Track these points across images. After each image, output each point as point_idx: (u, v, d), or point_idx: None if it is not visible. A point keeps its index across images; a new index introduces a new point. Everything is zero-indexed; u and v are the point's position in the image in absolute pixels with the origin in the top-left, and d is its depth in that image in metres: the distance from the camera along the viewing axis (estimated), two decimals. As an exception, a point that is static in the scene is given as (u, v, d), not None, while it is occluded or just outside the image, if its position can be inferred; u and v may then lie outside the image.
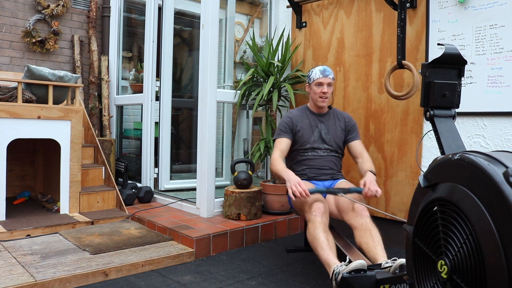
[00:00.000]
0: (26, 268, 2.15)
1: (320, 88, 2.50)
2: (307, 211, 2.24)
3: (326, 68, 2.53)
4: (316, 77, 2.50)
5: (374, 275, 1.70)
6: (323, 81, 2.49)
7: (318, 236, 2.07)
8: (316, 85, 2.51)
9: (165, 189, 3.78)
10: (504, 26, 2.42)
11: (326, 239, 2.05)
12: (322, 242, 2.03)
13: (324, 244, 2.02)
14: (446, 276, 1.06)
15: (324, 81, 2.49)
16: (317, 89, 2.51)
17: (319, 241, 2.04)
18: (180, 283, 2.20)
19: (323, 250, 2.01)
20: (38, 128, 2.99)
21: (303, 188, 2.11)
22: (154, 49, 3.76)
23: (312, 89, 2.55)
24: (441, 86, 1.59)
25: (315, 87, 2.52)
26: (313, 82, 2.53)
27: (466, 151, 1.11)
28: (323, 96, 2.50)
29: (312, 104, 2.62)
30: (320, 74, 2.50)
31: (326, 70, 2.52)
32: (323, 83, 2.49)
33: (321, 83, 2.50)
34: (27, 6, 3.84)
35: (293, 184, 2.14)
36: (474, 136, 2.58)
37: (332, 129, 2.57)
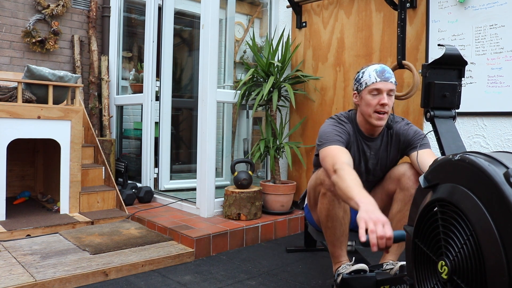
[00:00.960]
0: (26, 268, 2.15)
1: (377, 98, 1.76)
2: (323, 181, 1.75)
3: (384, 67, 1.79)
4: (372, 80, 1.77)
5: (375, 276, 1.70)
6: (383, 87, 1.75)
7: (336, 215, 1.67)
8: (371, 93, 1.77)
9: (165, 189, 3.79)
10: (504, 26, 2.42)
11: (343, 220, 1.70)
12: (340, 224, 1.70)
13: (338, 230, 1.71)
14: (446, 276, 1.06)
15: (384, 87, 1.75)
16: (372, 99, 1.76)
17: (336, 223, 1.69)
18: (180, 283, 2.20)
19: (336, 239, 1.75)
20: (38, 128, 2.99)
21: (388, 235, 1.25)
22: (154, 49, 3.76)
23: (363, 99, 1.80)
24: (441, 86, 1.60)
25: (369, 97, 1.77)
26: (365, 89, 1.79)
27: (467, 152, 1.11)
28: (381, 110, 1.76)
29: (363, 121, 1.87)
30: (377, 77, 1.76)
31: (386, 71, 1.78)
32: (383, 90, 1.75)
33: (379, 90, 1.76)
34: (27, 6, 3.84)
35: (373, 221, 1.27)
36: (474, 136, 2.58)
37: (383, 158, 1.94)
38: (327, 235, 1.83)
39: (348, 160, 1.67)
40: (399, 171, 1.87)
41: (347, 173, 1.53)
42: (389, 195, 1.93)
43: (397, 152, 1.96)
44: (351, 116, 1.95)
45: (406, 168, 1.85)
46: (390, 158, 1.96)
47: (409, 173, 1.82)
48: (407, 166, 1.87)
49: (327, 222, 1.77)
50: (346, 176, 1.52)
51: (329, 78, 3.31)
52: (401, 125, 1.94)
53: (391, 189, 1.91)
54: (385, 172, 1.98)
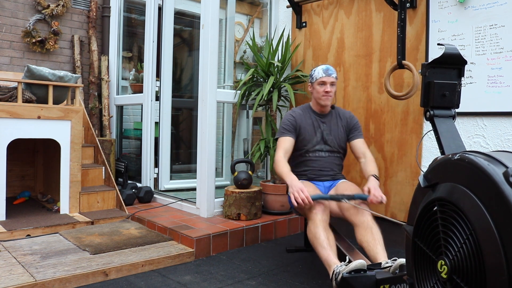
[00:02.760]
0: (26, 268, 2.15)
1: (323, 87, 2.45)
2: (307, 209, 2.22)
3: (329, 67, 2.48)
4: (319, 76, 2.46)
5: (374, 275, 1.70)
6: (326, 80, 2.44)
7: (318, 234, 2.06)
8: (319, 84, 2.46)
9: (165, 189, 3.79)
10: (504, 26, 2.42)
11: (326, 238, 2.05)
12: (323, 241, 2.03)
13: (324, 243, 2.02)
14: (446, 276, 1.06)
15: (327, 80, 2.44)
16: (320, 88, 2.46)
17: (320, 239, 2.04)
18: (180, 283, 2.20)
19: (323, 249, 2.00)
20: (38, 128, 2.99)
21: (305, 195, 2.07)
22: (154, 49, 3.76)
23: (315, 88, 2.50)
24: (441, 86, 1.59)
25: (318, 86, 2.47)
26: (316, 81, 2.48)
27: (466, 151, 1.11)
28: (326, 95, 2.46)
29: (315, 103, 2.56)
30: (323, 73, 2.45)
31: (329, 69, 2.47)
32: (326, 82, 2.44)
33: (324, 82, 2.45)
34: (27, 6, 3.84)
35: (295, 190, 2.10)
36: (474, 136, 2.58)
37: (334, 130, 2.54)
38: (318, 251, 2.07)
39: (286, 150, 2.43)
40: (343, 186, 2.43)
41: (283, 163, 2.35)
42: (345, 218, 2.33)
43: (344, 129, 2.55)
44: (306, 105, 2.62)
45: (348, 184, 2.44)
46: (339, 131, 2.54)
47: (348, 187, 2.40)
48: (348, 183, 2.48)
49: (315, 240, 2.08)
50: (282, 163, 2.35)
51: (329, 78, 3.31)
52: (346, 112, 2.63)
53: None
54: (338, 144, 2.52)
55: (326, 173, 2.51)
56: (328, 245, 2.02)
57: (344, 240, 2.38)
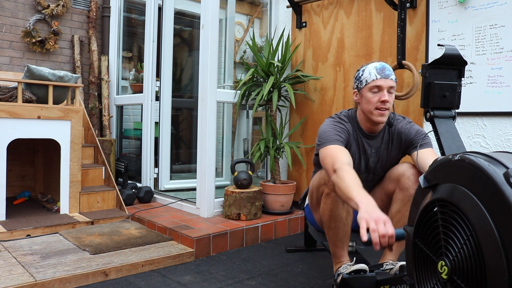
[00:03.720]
0: (26, 268, 2.15)
1: (377, 95, 1.75)
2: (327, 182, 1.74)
3: (384, 65, 1.79)
4: (372, 78, 1.77)
5: (374, 276, 1.70)
6: (383, 84, 1.75)
7: (339, 215, 1.68)
8: (372, 90, 1.77)
9: (165, 189, 3.79)
10: (504, 26, 2.42)
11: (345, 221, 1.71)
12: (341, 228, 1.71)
13: (341, 232, 1.73)
14: (446, 276, 1.06)
15: (384, 84, 1.75)
16: (372, 97, 1.76)
17: (339, 223, 1.70)
18: (180, 283, 2.20)
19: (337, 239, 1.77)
20: (38, 128, 2.99)
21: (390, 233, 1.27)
22: (154, 49, 3.76)
23: (364, 96, 1.80)
24: (441, 87, 1.60)
25: (370, 94, 1.77)
26: (365, 86, 1.79)
27: (467, 152, 1.11)
28: (382, 107, 1.76)
29: (364, 118, 1.86)
30: (378, 74, 1.76)
31: (386, 68, 1.78)
32: (383, 87, 1.75)
33: (380, 88, 1.76)
34: (27, 6, 3.84)
35: (374, 220, 1.28)
36: (474, 136, 2.58)
37: (384, 156, 1.93)
38: (329, 236, 1.83)
39: (348, 160, 1.66)
40: (398, 171, 1.86)
41: (347, 173, 1.53)
42: (388, 195, 1.92)
43: (398, 151, 1.94)
44: (351, 114, 1.94)
45: (405, 168, 1.84)
46: (391, 157, 1.94)
47: (408, 173, 1.80)
48: (406, 165, 1.85)
49: (330, 222, 1.77)
50: (346, 176, 1.52)
51: (329, 78, 3.31)
52: (402, 124, 1.92)
53: (391, 189, 1.90)
54: (385, 171, 1.96)
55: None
56: (345, 234, 1.74)
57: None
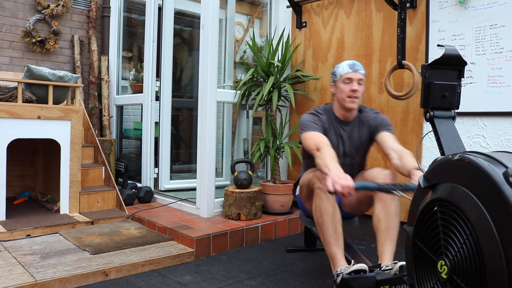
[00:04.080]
0: (26, 268, 2.15)
1: (349, 85, 2.11)
2: (315, 183, 1.99)
3: (355, 62, 2.15)
4: (344, 72, 2.12)
5: (374, 276, 1.70)
6: (353, 76, 2.10)
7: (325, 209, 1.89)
8: (344, 82, 2.12)
9: (165, 189, 3.79)
10: (504, 26, 2.42)
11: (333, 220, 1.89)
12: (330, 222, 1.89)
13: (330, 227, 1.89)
14: (446, 276, 1.06)
15: (354, 77, 2.10)
16: (345, 86, 2.11)
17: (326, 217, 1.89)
18: (180, 283, 2.20)
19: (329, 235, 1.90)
20: (38, 128, 2.99)
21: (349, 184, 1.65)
22: (154, 49, 3.76)
23: (338, 87, 2.15)
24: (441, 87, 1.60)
25: (343, 85, 2.12)
26: (340, 79, 2.14)
27: (466, 152, 1.12)
28: (352, 95, 2.10)
29: (338, 107, 2.20)
30: (349, 69, 2.12)
31: (356, 64, 2.14)
32: (353, 79, 2.10)
33: (350, 79, 2.11)
34: (27, 6, 3.84)
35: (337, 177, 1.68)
36: (474, 136, 2.58)
37: (356, 139, 2.23)
38: (322, 234, 1.96)
39: (327, 141, 2.02)
40: (373, 173, 2.08)
41: (327, 151, 1.90)
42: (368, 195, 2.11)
43: (367, 136, 2.23)
44: (328, 107, 2.28)
45: (379, 170, 2.08)
46: (362, 140, 2.24)
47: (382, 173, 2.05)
48: (379, 169, 2.11)
49: (320, 218, 1.94)
50: (326, 153, 1.88)
51: (329, 78, 3.30)
52: (370, 113, 2.26)
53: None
54: (360, 156, 2.25)
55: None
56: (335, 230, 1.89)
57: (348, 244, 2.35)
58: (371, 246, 2.86)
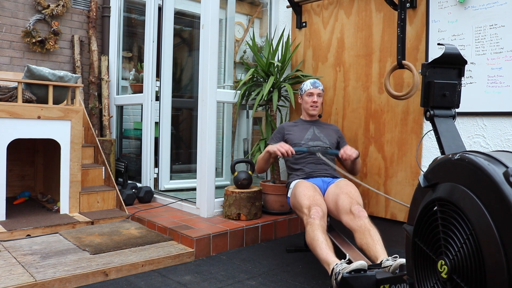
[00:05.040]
0: (26, 268, 2.15)
1: (311, 98, 2.80)
2: (305, 214, 2.26)
3: (316, 80, 2.85)
4: (307, 88, 2.80)
5: (374, 275, 1.70)
6: (314, 91, 2.79)
7: (316, 237, 2.08)
8: (307, 95, 2.81)
9: (165, 189, 3.78)
10: (504, 26, 2.42)
11: (324, 239, 2.06)
12: (321, 242, 2.04)
13: (322, 244, 2.04)
14: (446, 276, 1.06)
15: (314, 92, 2.79)
16: (308, 99, 2.81)
17: (318, 241, 2.06)
18: (180, 283, 2.20)
19: (321, 250, 2.02)
20: (38, 128, 2.99)
21: (288, 147, 2.48)
22: (154, 49, 3.76)
23: (303, 99, 2.84)
24: (441, 86, 1.60)
25: (307, 97, 2.81)
26: (304, 93, 2.82)
27: (466, 151, 1.11)
28: (313, 105, 2.80)
29: (304, 114, 2.89)
30: (311, 86, 2.80)
31: (316, 82, 2.82)
32: (314, 93, 2.79)
33: (311, 93, 2.79)
34: (27, 6, 3.84)
35: (278, 145, 2.50)
36: (474, 136, 2.58)
37: (325, 130, 2.81)
38: (315, 254, 2.07)
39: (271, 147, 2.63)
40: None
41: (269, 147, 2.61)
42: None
43: (334, 133, 2.82)
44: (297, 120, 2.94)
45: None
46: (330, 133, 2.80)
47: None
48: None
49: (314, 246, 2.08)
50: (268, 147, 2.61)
51: (329, 78, 3.31)
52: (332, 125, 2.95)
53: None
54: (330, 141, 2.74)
55: (322, 168, 2.65)
56: (326, 246, 2.04)
57: (344, 240, 2.38)
58: (371, 246, 2.86)
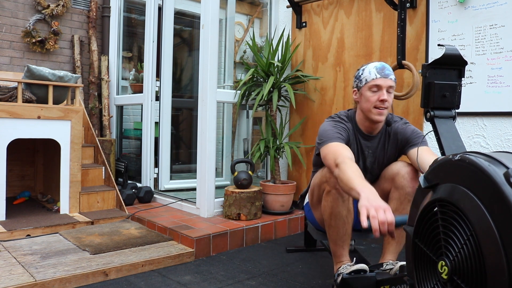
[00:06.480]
0: (26, 268, 2.15)
1: (376, 94, 1.78)
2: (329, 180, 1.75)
3: (384, 65, 1.81)
4: (372, 77, 1.79)
5: (375, 276, 1.70)
6: (382, 83, 1.77)
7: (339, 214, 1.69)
8: (371, 89, 1.79)
9: (165, 189, 3.78)
10: (504, 26, 2.42)
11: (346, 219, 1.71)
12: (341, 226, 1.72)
13: (341, 230, 1.73)
14: (446, 277, 1.06)
15: (384, 84, 1.77)
16: (372, 95, 1.78)
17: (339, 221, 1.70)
18: (180, 283, 2.20)
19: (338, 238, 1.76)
20: (38, 128, 2.99)
21: (390, 219, 1.29)
22: (154, 49, 3.76)
23: (363, 95, 1.82)
24: (441, 87, 1.60)
25: (369, 93, 1.79)
26: (365, 85, 1.81)
27: (467, 152, 1.11)
28: (381, 106, 1.78)
29: (362, 118, 1.88)
30: (378, 74, 1.78)
31: (386, 68, 1.80)
32: (382, 86, 1.77)
33: (379, 87, 1.78)
34: (27, 6, 3.84)
35: (374, 208, 1.31)
36: (474, 136, 2.58)
37: (380, 156, 1.95)
38: (330, 234, 1.84)
39: (350, 155, 1.67)
40: (393, 170, 1.87)
41: (349, 166, 1.55)
42: (384, 193, 1.90)
43: (395, 150, 1.95)
44: (351, 115, 1.96)
45: (400, 167, 1.85)
46: (388, 156, 1.95)
47: (403, 171, 1.82)
48: (401, 164, 1.87)
49: (331, 220, 1.78)
50: (348, 168, 1.53)
51: (329, 78, 3.31)
52: (399, 124, 1.95)
53: (386, 187, 1.91)
54: (380, 171, 1.98)
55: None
56: (345, 232, 1.74)
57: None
58: (371, 246, 2.86)
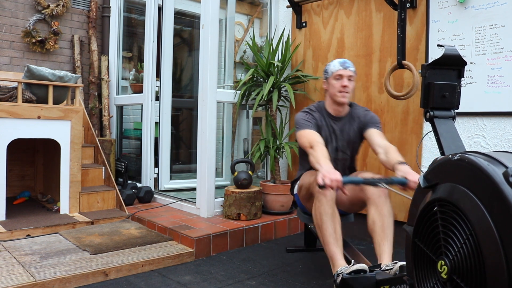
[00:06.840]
0: (26, 268, 2.15)
1: (339, 81, 2.23)
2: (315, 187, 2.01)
3: (346, 60, 2.29)
4: (335, 69, 2.24)
5: (374, 276, 1.70)
6: (343, 73, 2.23)
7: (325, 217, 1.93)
8: (335, 78, 2.25)
9: (165, 189, 3.79)
10: (504, 26, 2.42)
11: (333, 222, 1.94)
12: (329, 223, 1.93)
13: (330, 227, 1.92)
14: (446, 276, 1.06)
15: (345, 74, 2.23)
16: (336, 83, 2.24)
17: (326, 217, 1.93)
18: (180, 283, 2.20)
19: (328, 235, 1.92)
20: (38, 128, 2.99)
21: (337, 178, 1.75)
22: (154, 49, 3.76)
23: (330, 83, 2.28)
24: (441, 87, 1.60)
25: (334, 81, 2.25)
26: (331, 76, 2.26)
27: (466, 152, 1.12)
28: (343, 90, 2.22)
29: (330, 102, 2.32)
30: (340, 66, 2.24)
31: (346, 62, 2.26)
32: (343, 75, 2.23)
33: (340, 76, 2.23)
34: (27, 6, 3.84)
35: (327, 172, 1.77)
36: (474, 136, 2.58)
37: (347, 134, 2.33)
38: (322, 235, 1.97)
39: (320, 140, 2.12)
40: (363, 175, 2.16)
41: (320, 149, 2.02)
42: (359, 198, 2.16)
43: (358, 130, 2.32)
44: (320, 105, 2.38)
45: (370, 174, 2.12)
46: (353, 135, 2.32)
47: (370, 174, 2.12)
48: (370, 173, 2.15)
49: (321, 220, 1.96)
50: (319, 150, 2.00)
51: (329, 78, 3.31)
52: (360, 110, 2.36)
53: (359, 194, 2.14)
54: (350, 150, 2.33)
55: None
56: (334, 230, 1.92)
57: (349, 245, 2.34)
58: (371, 246, 2.86)
